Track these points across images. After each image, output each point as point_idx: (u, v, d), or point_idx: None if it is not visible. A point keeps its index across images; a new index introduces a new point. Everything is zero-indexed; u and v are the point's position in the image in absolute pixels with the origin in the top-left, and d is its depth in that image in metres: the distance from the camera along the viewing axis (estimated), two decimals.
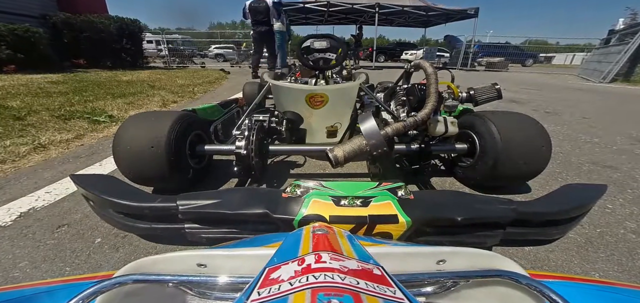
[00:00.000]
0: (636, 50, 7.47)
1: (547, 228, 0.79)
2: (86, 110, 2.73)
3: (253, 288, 0.25)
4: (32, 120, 2.30)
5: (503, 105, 3.43)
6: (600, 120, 2.94)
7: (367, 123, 0.95)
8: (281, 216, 0.66)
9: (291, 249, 0.34)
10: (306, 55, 1.75)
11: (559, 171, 1.59)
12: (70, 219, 1.06)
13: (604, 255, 0.91)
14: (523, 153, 1.12)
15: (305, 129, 1.49)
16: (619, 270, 0.85)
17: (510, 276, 0.31)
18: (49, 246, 0.91)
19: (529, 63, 16.06)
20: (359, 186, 0.72)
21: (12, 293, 0.35)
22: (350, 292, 0.22)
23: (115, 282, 0.29)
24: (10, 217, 1.07)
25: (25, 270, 0.81)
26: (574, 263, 0.87)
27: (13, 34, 5.71)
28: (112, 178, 0.85)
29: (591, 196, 0.79)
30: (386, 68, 11.50)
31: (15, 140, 1.84)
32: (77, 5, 8.08)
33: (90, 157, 1.71)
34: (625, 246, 0.95)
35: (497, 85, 1.31)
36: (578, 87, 6.50)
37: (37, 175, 1.43)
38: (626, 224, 1.08)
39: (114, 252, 0.89)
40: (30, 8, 7.35)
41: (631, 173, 1.58)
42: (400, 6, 11.03)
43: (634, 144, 2.14)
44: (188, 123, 1.18)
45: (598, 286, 0.38)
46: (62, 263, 0.84)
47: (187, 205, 0.70)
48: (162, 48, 10.51)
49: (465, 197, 0.85)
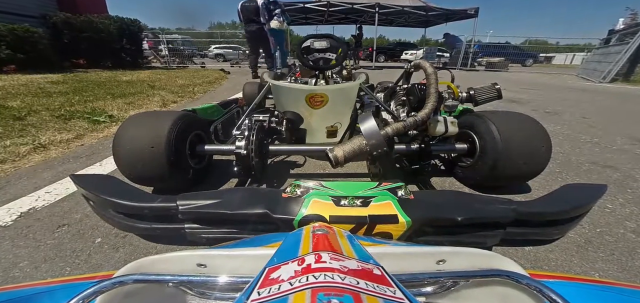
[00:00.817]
0: (636, 51, 7.46)
1: (547, 228, 0.79)
2: (86, 110, 2.73)
3: (253, 288, 0.25)
4: (32, 120, 2.30)
5: (503, 105, 3.43)
6: (600, 120, 2.93)
7: (367, 123, 0.95)
8: (281, 216, 0.66)
9: (291, 249, 0.34)
10: (306, 55, 1.75)
11: (559, 171, 1.59)
12: (70, 219, 1.06)
13: (604, 255, 0.91)
14: (523, 153, 1.12)
15: (305, 129, 1.49)
16: (619, 269, 0.85)
17: (510, 276, 0.31)
18: (50, 246, 0.91)
19: (529, 63, 16.06)
20: (359, 186, 0.72)
21: (12, 293, 0.35)
22: (350, 292, 0.22)
23: (115, 282, 0.29)
24: (11, 217, 1.07)
25: (26, 270, 0.81)
26: (574, 262, 0.87)
27: (13, 33, 5.70)
28: (112, 178, 0.85)
29: (591, 196, 0.79)
30: (386, 68, 11.50)
31: (15, 140, 1.83)
32: (77, 5, 8.09)
33: (91, 157, 1.71)
34: (625, 246, 0.95)
35: (497, 85, 1.31)
36: (578, 87, 6.49)
37: (37, 175, 1.43)
38: (626, 224, 1.08)
39: (114, 252, 0.89)
40: (30, 8, 7.34)
41: (631, 173, 1.58)
42: (400, 6, 11.03)
43: (634, 144, 2.13)
44: (188, 123, 1.18)
45: (598, 286, 0.38)
46: (63, 263, 0.84)
47: (187, 205, 0.70)
48: (162, 48, 10.51)
49: (465, 197, 0.85)
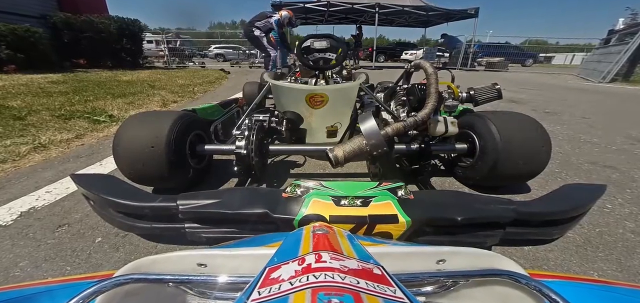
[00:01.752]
0: (635, 51, 7.47)
1: (546, 228, 0.79)
2: (86, 110, 2.73)
3: (253, 288, 0.25)
4: (32, 120, 2.30)
5: (502, 105, 3.43)
6: (599, 120, 2.93)
7: (367, 123, 0.95)
8: (281, 216, 0.66)
9: (291, 249, 0.34)
10: (306, 55, 1.75)
11: (559, 171, 1.59)
12: (70, 219, 1.06)
13: (603, 255, 0.91)
14: (523, 153, 1.12)
15: (305, 128, 1.49)
16: (618, 268, 0.85)
17: (509, 276, 0.31)
18: (50, 245, 0.92)
19: (529, 63, 16.05)
20: (359, 186, 0.72)
21: (12, 293, 0.35)
22: (350, 292, 0.23)
23: (115, 281, 0.29)
24: (11, 216, 1.07)
25: (26, 269, 0.82)
26: (573, 262, 0.88)
27: (13, 33, 5.72)
28: (113, 178, 0.85)
29: (590, 196, 0.79)
30: (386, 68, 11.49)
31: (15, 140, 1.84)
32: (78, 6, 8.08)
33: (91, 156, 1.71)
34: (624, 245, 0.96)
35: (497, 85, 1.31)
36: (578, 87, 6.50)
37: (37, 174, 1.44)
38: (625, 224, 1.08)
39: (114, 252, 0.89)
40: (30, 8, 7.33)
41: (630, 173, 1.58)
42: (400, 6, 11.02)
43: (633, 144, 2.14)
44: (188, 123, 1.18)
45: (598, 286, 0.38)
46: (63, 262, 0.84)
47: (187, 205, 0.70)
48: (162, 48, 10.51)
49: (465, 197, 0.86)
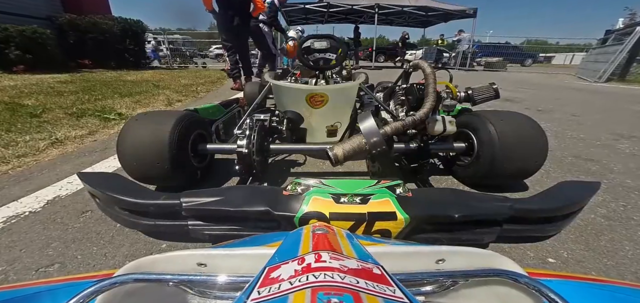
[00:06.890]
0: (631, 50, 7.47)
1: (542, 225, 0.79)
2: (96, 108, 2.79)
3: (253, 288, 0.25)
4: (47, 118, 2.38)
5: (498, 103, 3.43)
6: (589, 118, 2.97)
7: (366, 122, 0.95)
8: (282, 213, 0.66)
9: (291, 248, 0.34)
10: (306, 55, 1.75)
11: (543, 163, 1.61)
12: (92, 206, 1.11)
13: (574, 236, 0.98)
14: (520, 151, 1.13)
15: (306, 128, 1.49)
16: (585, 248, 0.92)
17: (509, 275, 0.31)
18: (77, 229, 0.99)
19: (528, 63, 16.04)
20: (359, 184, 0.72)
21: (13, 292, 0.35)
22: (350, 291, 0.23)
23: (115, 281, 0.29)
24: (39, 204, 1.15)
25: (58, 249, 0.89)
26: (547, 243, 0.92)
27: (22, 35, 5.74)
28: (118, 176, 0.86)
29: (585, 193, 0.80)
30: (385, 68, 11.49)
31: (33, 136, 1.91)
32: (82, 7, 8.06)
33: (104, 151, 1.78)
34: (593, 229, 1.02)
35: (495, 84, 1.31)
36: (573, 86, 6.51)
37: (57, 167, 1.51)
38: (597, 210, 1.14)
39: (134, 233, 0.95)
40: (37, 10, 7.33)
41: (609, 166, 1.62)
42: (399, 6, 11.01)
43: (616, 139, 2.16)
44: (190, 122, 1.18)
45: (597, 285, 0.38)
46: (90, 244, 0.92)
47: (190, 203, 0.70)
48: (162, 48, 10.51)
49: (463, 195, 0.86)
